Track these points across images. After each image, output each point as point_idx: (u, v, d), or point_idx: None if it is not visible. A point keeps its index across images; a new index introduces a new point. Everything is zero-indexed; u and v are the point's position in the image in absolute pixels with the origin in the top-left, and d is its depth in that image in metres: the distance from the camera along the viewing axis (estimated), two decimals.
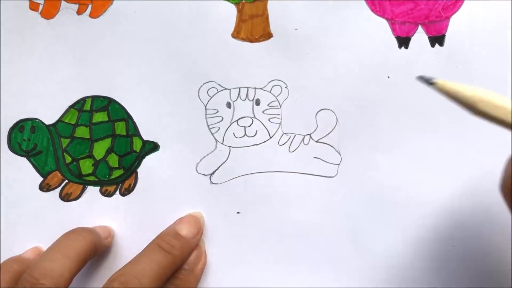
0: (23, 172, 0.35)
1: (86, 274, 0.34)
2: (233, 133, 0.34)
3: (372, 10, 0.34)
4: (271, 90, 0.34)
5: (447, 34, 0.34)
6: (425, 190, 0.33)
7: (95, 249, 0.31)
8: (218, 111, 0.35)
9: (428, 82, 0.25)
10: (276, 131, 0.34)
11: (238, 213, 0.34)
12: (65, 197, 0.35)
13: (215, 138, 0.34)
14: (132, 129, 0.35)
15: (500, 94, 0.25)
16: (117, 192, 0.35)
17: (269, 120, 0.34)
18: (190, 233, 0.33)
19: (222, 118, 0.34)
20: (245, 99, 0.34)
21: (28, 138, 0.35)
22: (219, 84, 0.35)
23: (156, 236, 0.32)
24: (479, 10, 0.34)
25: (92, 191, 0.35)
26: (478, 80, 0.34)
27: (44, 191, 0.35)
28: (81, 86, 0.35)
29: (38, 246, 0.34)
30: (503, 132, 0.34)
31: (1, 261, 0.34)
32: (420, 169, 0.34)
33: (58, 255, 0.29)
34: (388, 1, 0.34)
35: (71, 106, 0.35)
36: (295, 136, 0.34)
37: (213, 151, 0.34)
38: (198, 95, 0.35)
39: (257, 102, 0.34)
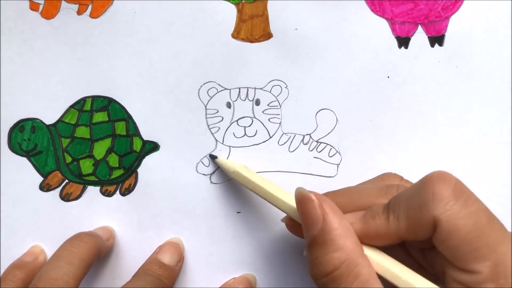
0: (23, 172, 0.35)
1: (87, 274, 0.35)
2: (233, 133, 0.34)
3: (372, 10, 0.34)
4: (271, 90, 0.34)
5: (446, 34, 0.34)
6: None
7: (98, 252, 0.31)
8: (218, 111, 0.35)
9: (212, 158, 0.34)
10: (276, 131, 0.34)
11: (238, 212, 0.34)
12: (66, 197, 0.35)
13: (215, 138, 0.35)
14: (132, 129, 0.35)
15: (251, 172, 0.32)
16: (117, 192, 0.35)
17: (269, 120, 0.34)
18: (173, 261, 0.33)
19: (222, 118, 0.35)
20: (245, 99, 0.34)
21: (28, 138, 0.35)
22: (219, 84, 0.35)
23: (140, 267, 0.32)
24: (479, 10, 0.34)
25: (93, 191, 0.35)
26: (477, 79, 0.34)
27: (44, 191, 0.35)
28: (81, 86, 0.35)
29: (37, 244, 0.34)
30: (503, 132, 0.34)
31: (1, 261, 0.34)
32: (419, 169, 0.34)
33: (62, 263, 0.29)
34: (388, 1, 0.34)
35: (71, 106, 0.35)
36: (295, 136, 0.34)
37: (213, 151, 0.34)
38: (198, 95, 0.35)
39: (257, 102, 0.34)
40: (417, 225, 0.24)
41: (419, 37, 0.34)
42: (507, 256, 0.22)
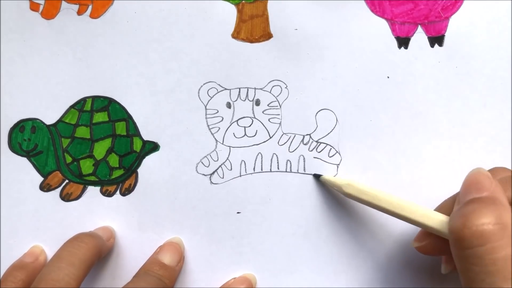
0: (23, 172, 0.35)
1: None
2: (233, 133, 0.34)
3: (372, 11, 0.34)
4: (271, 90, 0.34)
5: (446, 34, 0.34)
6: (424, 189, 0.33)
7: (99, 253, 0.31)
8: (218, 111, 0.35)
9: (317, 177, 0.34)
10: (276, 131, 0.34)
11: (238, 213, 0.34)
12: (66, 197, 0.35)
13: (215, 138, 0.35)
14: (132, 129, 0.35)
15: (366, 185, 0.30)
16: (118, 192, 0.35)
17: (269, 120, 0.34)
18: (173, 261, 0.33)
19: (222, 118, 0.35)
20: (245, 99, 0.34)
21: (28, 138, 0.35)
22: (219, 85, 0.35)
23: (141, 267, 0.32)
24: (479, 11, 0.34)
25: (93, 191, 0.35)
26: (477, 80, 0.34)
27: (44, 191, 0.35)
28: (81, 86, 0.35)
29: (37, 244, 0.34)
30: (503, 131, 0.34)
31: (2, 261, 0.34)
32: (419, 169, 0.34)
33: (63, 264, 0.29)
34: (387, 1, 0.34)
35: (72, 106, 0.35)
36: (295, 136, 0.34)
37: (213, 151, 0.34)
38: (198, 95, 0.35)
39: (257, 102, 0.34)
40: None
41: (419, 37, 0.34)
42: None
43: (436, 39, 0.34)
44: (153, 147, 0.35)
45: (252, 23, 0.35)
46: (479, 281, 0.23)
